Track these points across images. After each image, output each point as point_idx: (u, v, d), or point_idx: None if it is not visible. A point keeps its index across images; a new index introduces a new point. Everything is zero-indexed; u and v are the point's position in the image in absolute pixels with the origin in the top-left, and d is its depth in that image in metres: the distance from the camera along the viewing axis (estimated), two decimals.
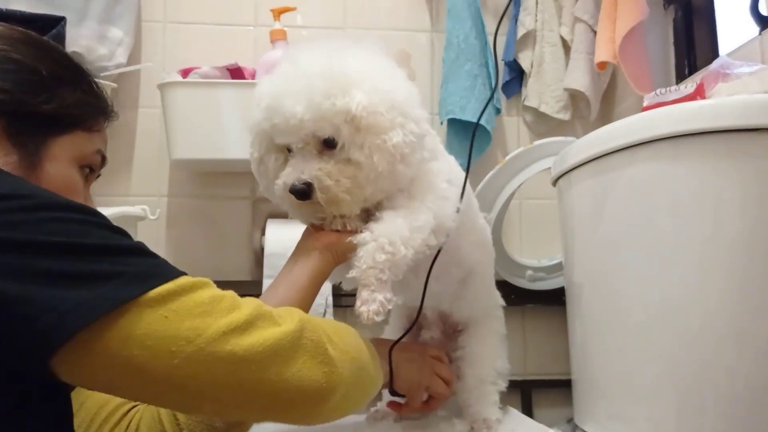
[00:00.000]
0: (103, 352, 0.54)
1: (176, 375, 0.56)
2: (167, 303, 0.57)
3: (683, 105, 1.05)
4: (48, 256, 0.54)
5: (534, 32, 1.83)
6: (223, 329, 0.58)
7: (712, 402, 0.98)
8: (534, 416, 1.70)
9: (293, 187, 0.85)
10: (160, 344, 0.55)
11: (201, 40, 1.78)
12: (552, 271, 1.74)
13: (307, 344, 0.64)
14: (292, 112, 0.83)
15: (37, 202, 0.57)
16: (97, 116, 0.81)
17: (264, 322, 0.62)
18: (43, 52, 0.77)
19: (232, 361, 0.58)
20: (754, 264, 0.97)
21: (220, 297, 0.61)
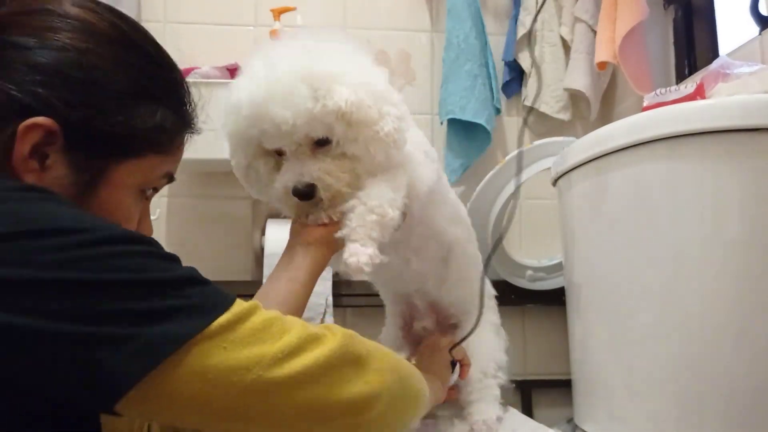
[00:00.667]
0: (168, 391, 0.54)
1: (236, 404, 0.57)
2: (226, 334, 0.57)
3: (683, 105, 1.05)
4: (112, 295, 0.53)
5: (534, 32, 1.83)
6: (279, 355, 0.58)
7: (712, 401, 0.98)
8: (534, 416, 1.70)
9: (296, 189, 0.86)
10: (222, 376, 0.55)
11: (201, 40, 1.79)
12: (552, 271, 1.74)
13: (351, 359, 0.64)
14: (282, 118, 0.83)
15: (96, 237, 0.54)
16: (175, 137, 0.73)
17: (312, 343, 0.61)
18: (130, 57, 0.67)
19: (289, 384, 0.58)
20: (753, 263, 0.97)
21: (270, 322, 0.60)
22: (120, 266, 0.54)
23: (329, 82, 0.85)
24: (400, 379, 0.71)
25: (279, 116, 0.83)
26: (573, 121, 1.86)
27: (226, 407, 0.57)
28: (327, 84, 0.84)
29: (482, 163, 1.79)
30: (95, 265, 0.53)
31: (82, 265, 0.52)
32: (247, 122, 0.86)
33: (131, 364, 0.52)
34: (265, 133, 0.85)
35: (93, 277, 0.52)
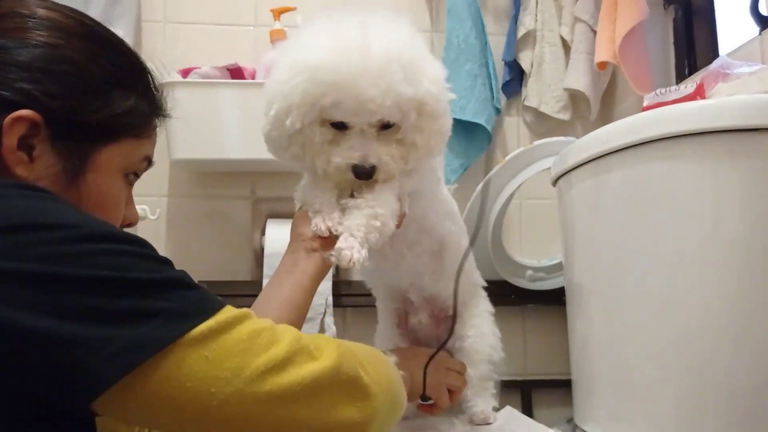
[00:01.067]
0: (144, 394, 0.53)
1: (215, 415, 0.55)
2: (208, 342, 0.56)
3: (683, 105, 1.05)
4: (92, 292, 0.52)
5: (534, 32, 1.83)
6: (262, 368, 0.57)
7: (712, 401, 0.98)
8: (534, 416, 1.70)
9: (360, 168, 0.87)
10: (200, 385, 0.54)
11: (201, 40, 1.79)
12: (552, 271, 1.74)
13: (344, 380, 0.63)
14: (370, 96, 0.82)
15: (82, 233, 0.55)
16: (150, 121, 0.77)
17: (302, 357, 0.60)
18: (100, 49, 0.71)
19: (271, 400, 0.57)
20: (753, 263, 0.97)
21: (258, 331, 0.59)
22: (104, 264, 0.54)
23: (418, 70, 0.86)
24: (391, 400, 0.71)
25: (369, 93, 0.82)
26: (573, 121, 1.86)
27: (205, 417, 0.55)
28: (417, 70, 0.85)
29: (482, 163, 1.79)
30: (79, 260, 0.53)
31: (65, 259, 0.52)
32: (324, 88, 0.83)
33: (107, 365, 0.51)
34: (340, 104, 0.84)
35: (75, 272, 0.52)
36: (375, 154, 0.87)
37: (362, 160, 0.87)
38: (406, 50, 0.86)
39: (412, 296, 1.18)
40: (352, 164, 0.87)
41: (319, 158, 0.90)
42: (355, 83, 0.82)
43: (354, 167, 0.87)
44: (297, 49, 0.89)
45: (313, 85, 0.84)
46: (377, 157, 0.87)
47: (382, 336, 1.22)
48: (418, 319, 1.18)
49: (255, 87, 1.59)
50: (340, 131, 0.88)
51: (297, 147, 0.91)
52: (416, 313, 1.18)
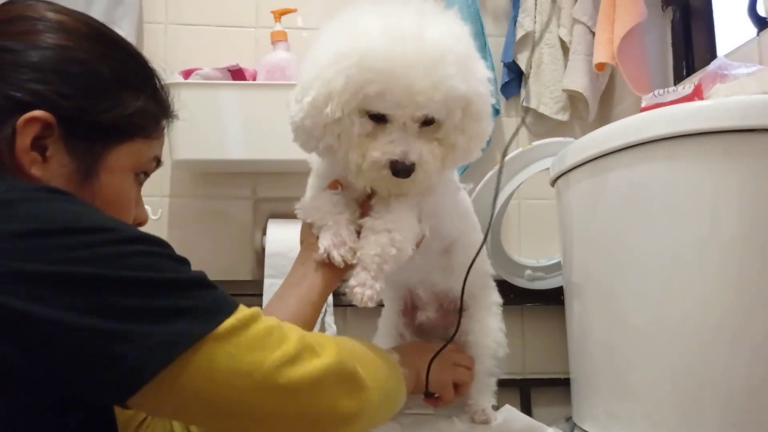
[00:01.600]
0: (178, 387, 0.57)
1: (238, 406, 0.59)
2: (232, 338, 0.59)
3: (681, 106, 1.05)
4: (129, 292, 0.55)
5: (533, 33, 1.84)
6: (277, 363, 0.61)
7: (710, 400, 0.98)
8: (533, 415, 1.70)
9: (400, 164, 0.81)
10: (226, 378, 0.58)
11: (202, 41, 1.79)
12: (551, 271, 1.74)
13: (345, 376, 0.67)
14: (421, 88, 0.78)
15: (117, 236, 0.57)
16: (159, 122, 0.79)
17: (308, 353, 0.64)
18: (108, 50, 0.72)
19: (285, 393, 0.61)
20: (750, 263, 0.97)
21: (271, 329, 0.63)
22: (138, 265, 0.57)
23: (470, 66, 0.83)
24: (385, 395, 0.76)
25: (420, 85, 0.78)
26: (571, 121, 1.87)
27: (229, 407, 0.59)
28: (469, 66, 0.82)
29: (482, 163, 1.79)
30: (115, 262, 0.56)
31: (103, 262, 0.55)
32: (371, 75, 0.78)
33: (148, 359, 0.54)
34: (386, 95, 0.79)
35: (112, 273, 0.55)
36: (416, 151, 0.82)
37: (403, 156, 0.81)
38: (460, 44, 0.82)
39: (420, 292, 1.16)
40: (391, 160, 0.81)
41: (354, 152, 0.83)
42: (406, 73, 0.77)
43: (393, 163, 0.81)
44: (341, 32, 0.83)
45: (359, 72, 0.78)
46: (418, 154, 0.82)
47: (385, 323, 1.20)
48: (426, 315, 1.17)
49: (256, 88, 1.60)
50: (380, 125, 0.83)
51: (332, 138, 0.84)
52: (424, 308, 1.17)
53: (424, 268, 1.08)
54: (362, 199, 0.92)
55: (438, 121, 0.84)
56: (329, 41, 0.84)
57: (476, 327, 1.13)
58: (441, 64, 0.79)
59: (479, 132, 0.88)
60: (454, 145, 0.86)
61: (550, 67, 1.84)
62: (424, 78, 0.78)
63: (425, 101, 0.79)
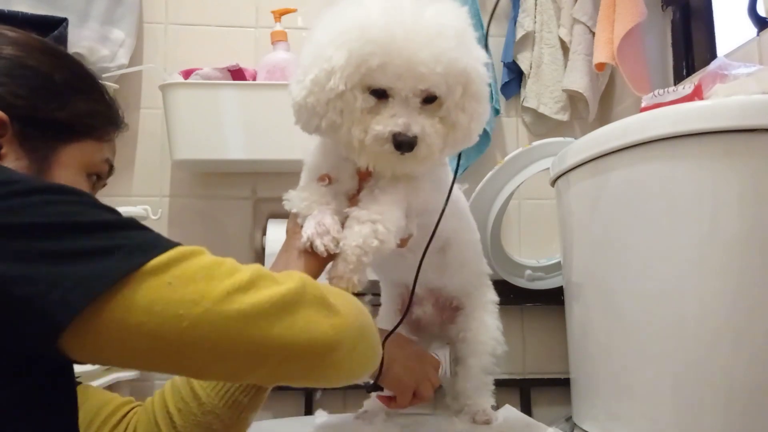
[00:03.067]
0: (112, 324, 0.54)
1: (187, 337, 0.56)
2: (169, 270, 0.57)
3: (681, 106, 1.05)
4: (46, 236, 0.54)
5: (533, 33, 1.84)
6: (228, 289, 0.58)
7: (710, 400, 0.98)
8: (533, 415, 1.70)
9: (402, 137, 0.82)
10: (168, 309, 0.55)
11: (202, 41, 1.79)
12: (551, 271, 1.74)
13: (310, 299, 0.64)
14: (422, 60, 0.79)
15: (29, 186, 0.57)
16: (108, 126, 0.82)
17: (265, 281, 0.61)
18: (58, 61, 0.77)
19: (240, 318, 0.58)
20: (750, 263, 0.97)
21: (221, 261, 0.61)
22: (54, 211, 0.56)
23: (469, 44, 0.83)
24: (363, 325, 0.71)
25: (420, 56, 0.79)
26: (571, 121, 1.87)
27: (177, 340, 0.56)
28: (468, 43, 0.83)
29: (482, 163, 1.80)
30: (30, 211, 0.55)
31: (16, 212, 0.54)
32: (374, 48, 0.79)
33: (67, 299, 0.52)
34: (387, 67, 0.80)
35: (27, 220, 0.54)
36: (418, 124, 0.82)
37: (405, 128, 0.81)
38: (459, 22, 0.84)
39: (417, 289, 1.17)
40: (394, 132, 0.82)
41: (357, 127, 0.84)
42: (407, 44, 0.79)
43: (395, 136, 0.82)
44: (341, 14, 0.85)
45: (360, 45, 0.80)
46: (421, 127, 0.82)
47: (384, 320, 1.20)
48: (422, 310, 1.17)
49: (256, 88, 1.60)
50: (382, 101, 0.84)
51: (335, 114, 0.84)
52: (420, 303, 1.17)
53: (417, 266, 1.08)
54: (352, 193, 0.93)
55: (439, 98, 0.84)
56: (329, 23, 0.85)
57: (473, 324, 1.13)
58: (441, 36, 0.80)
59: (480, 113, 0.87)
60: (455, 124, 0.86)
61: (550, 67, 1.84)
62: (425, 49, 0.79)
63: (426, 73, 0.80)
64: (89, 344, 0.56)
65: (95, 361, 0.61)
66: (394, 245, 0.85)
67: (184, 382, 0.84)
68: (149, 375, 1.69)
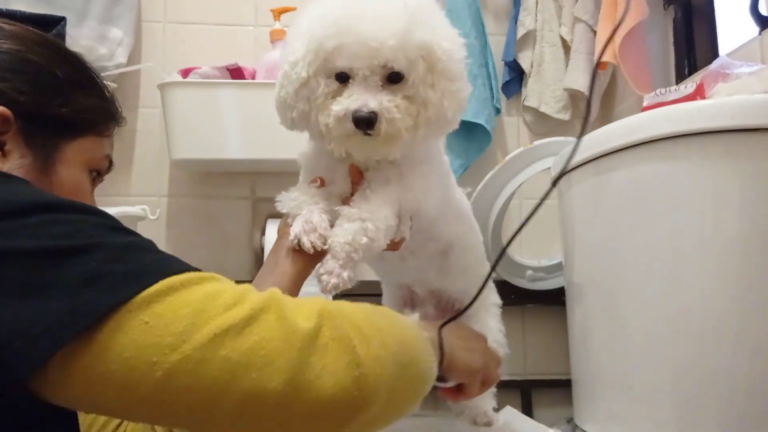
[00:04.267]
0: (80, 372, 0.48)
1: (161, 390, 0.48)
2: (151, 306, 0.49)
3: (683, 105, 1.05)
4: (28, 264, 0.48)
5: (534, 32, 1.83)
6: (215, 330, 0.48)
7: (711, 401, 0.98)
8: (534, 416, 1.70)
9: (359, 113, 0.81)
10: (139, 355, 0.47)
11: (201, 40, 1.79)
12: (552, 271, 1.74)
13: (327, 344, 0.52)
14: (372, 35, 0.79)
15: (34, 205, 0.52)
16: (108, 121, 0.81)
17: (269, 315, 0.51)
18: (58, 55, 0.76)
19: (227, 369, 0.48)
20: (752, 263, 0.97)
21: (218, 293, 0.52)
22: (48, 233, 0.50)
23: (428, 20, 0.84)
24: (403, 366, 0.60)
25: (369, 32, 0.79)
26: (573, 121, 1.86)
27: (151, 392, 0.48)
28: (426, 20, 0.83)
29: (482, 163, 1.79)
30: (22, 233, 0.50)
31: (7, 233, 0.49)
32: (329, 31, 0.81)
33: (30, 351, 0.46)
34: (343, 48, 0.81)
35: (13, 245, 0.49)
36: (375, 100, 0.81)
37: (361, 105, 0.81)
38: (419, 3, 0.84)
39: (417, 290, 1.16)
40: (351, 110, 0.81)
41: (321, 113, 0.85)
42: (359, 22, 0.80)
43: (353, 114, 0.81)
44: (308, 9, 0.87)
45: (318, 30, 0.82)
46: (378, 102, 0.81)
47: None
48: (424, 311, 1.17)
49: (255, 87, 1.60)
50: (344, 84, 0.84)
51: (303, 102, 0.86)
52: (422, 304, 1.16)
53: (419, 268, 1.08)
54: (345, 195, 0.93)
55: (404, 77, 0.84)
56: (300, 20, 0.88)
57: (475, 327, 1.12)
58: (393, 11, 0.81)
59: (452, 90, 0.86)
60: (426, 102, 0.85)
61: (551, 66, 1.84)
62: (375, 24, 0.80)
63: (379, 48, 0.80)
64: (59, 393, 0.50)
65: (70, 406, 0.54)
66: (384, 244, 0.85)
67: None
68: None
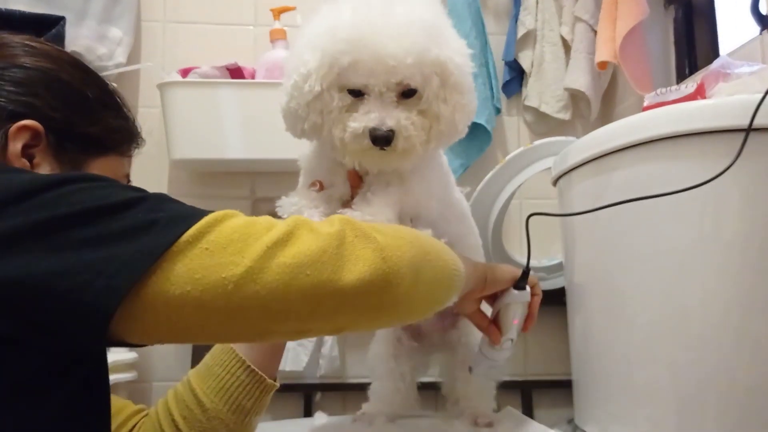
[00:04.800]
0: (157, 300, 0.54)
1: (234, 300, 0.55)
2: (205, 236, 0.56)
3: (684, 105, 1.04)
4: (82, 224, 0.54)
5: (534, 32, 1.83)
6: (267, 244, 0.56)
7: (712, 402, 0.98)
8: (534, 417, 1.70)
9: (377, 131, 0.83)
10: (209, 274, 0.54)
11: (200, 39, 1.79)
12: (552, 272, 1.73)
13: (353, 240, 0.61)
14: (390, 52, 0.80)
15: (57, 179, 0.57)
16: (131, 142, 0.85)
17: (303, 230, 0.60)
18: (88, 76, 0.79)
19: (284, 272, 0.56)
20: (752, 263, 0.96)
21: (254, 221, 0.60)
22: (86, 198, 0.55)
23: (442, 35, 0.84)
24: (423, 251, 0.68)
25: (388, 49, 0.80)
26: (573, 120, 1.86)
27: (225, 304, 0.55)
28: (440, 35, 0.84)
29: (482, 163, 1.79)
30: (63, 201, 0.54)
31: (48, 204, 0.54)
32: (344, 46, 0.81)
33: (112, 284, 0.52)
34: (359, 65, 0.81)
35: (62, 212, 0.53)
36: (393, 117, 0.83)
37: (380, 123, 0.82)
38: (430, 15, 0.85)
39: None
40: (368, 128, 0.83)
41: (336, 127, 0.86)
42: (375, 39, 0.80)
43: (371, 131, 0.83)
44: (317, 18, 0.87)
45: (332, 44, 0.82)
46: (396, 120, 0.83)
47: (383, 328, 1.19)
48: None
49: (255, 87, 1.60)
50: (358, 99, 0.85)
51: (316, 115, 0.87)
52: None
53: None
54: (345, 198, 0.93)
55: (418, 92, 0.85)
56: (308, 28, 0.88)
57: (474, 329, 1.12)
58: (409, 28, 0.81)
59: (464, 104, 0.87)
60: (438, 116, 0.87)
61: (551, 66, 1.83)
62: (393, 42, 0.80)
63: (396, 66, 0.81)
64: (139, 324, 0.55)
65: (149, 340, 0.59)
66: None
67: (187, 389, 0.86)
68: (147, 376, 1.69)
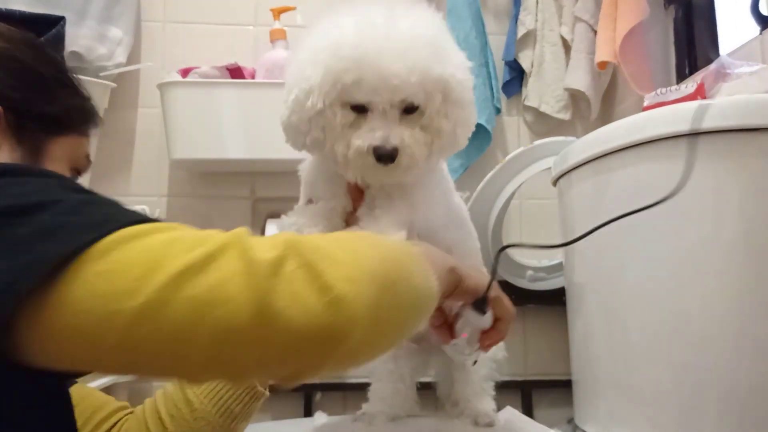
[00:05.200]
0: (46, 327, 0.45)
1: (127, 339, 0.44)
2: (108, 255, 0.45)
3: (683, 105, 1.04)
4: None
5: (534, 32, 1.83)
6: (174, 271, 0.45)
7: (712, 402, 0.98)
8: (534, 417, 1.70)
9: (382, 149, 0.82)
10: (99, 305, 0.44)
11: (200, 39, 1.79)
12: (552, 272, 1.73)
13: (294, 271, 0.48)
14: (394, 71, 0.79)
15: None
16: (90, 121, 0.83)
17: (231, 252, 0.47)
18: (42, 54, 0.78)
19: (190, 309, 0.45)
20: (752, 263, 0.97)
21: (179, 238, 0.48)
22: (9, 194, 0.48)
23: (444, 51, 0.84)
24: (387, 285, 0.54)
25: (393, 68, 0.79)
26: (573, 120, 1.86)
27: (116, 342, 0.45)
28: (443, 51, 0.84)
29: (482, 163, 1.79)
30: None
31: None
32: (347, 64, 0.80)
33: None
34: (363, 82, 0.80)
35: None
36: (397, 135, 0.82)
37: (384, 141, 0.82)
38: (433, 31, 0.84)
39: None
40: (373, 146, 0.82)
41: (339, 143, 0.85)
42: (379, 58, 0.79)
43: (375, 149, 0.82)
44: (319, 32, 0.86)
45: (335, 62, 0.81)
46: (400, 138, 0.82)
47: None
48: None
49: (255, 87, 1.59)
50: (361, 115, 0.84)
51: (318, 130, 0.86)
52: None
53: None
54: (347, 210, 0.93)
55: (420, 108, 0.85)
56: (310, 42, 0.87)
57: None
58: (413, 46, 0.80)
59: (464, 119, 0.87)
60: (440, 131, 0.86)
61: (551, 66, 1.83)
62: (397, 61, 0.79)
63: (400, 84, 0.80)
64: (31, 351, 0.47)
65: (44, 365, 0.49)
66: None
67: (177, 388, 0.85)
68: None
